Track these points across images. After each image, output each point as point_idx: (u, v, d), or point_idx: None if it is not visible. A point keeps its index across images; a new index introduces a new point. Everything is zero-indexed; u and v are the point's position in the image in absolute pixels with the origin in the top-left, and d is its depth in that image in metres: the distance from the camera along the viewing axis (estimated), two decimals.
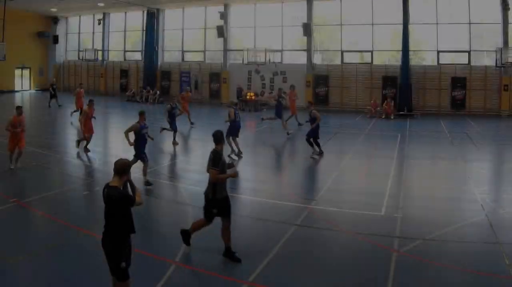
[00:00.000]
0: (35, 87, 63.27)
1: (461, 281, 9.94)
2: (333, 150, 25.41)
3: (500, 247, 11.35)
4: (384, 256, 10.97)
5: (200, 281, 9.94)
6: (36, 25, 62.15)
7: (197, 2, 51.91)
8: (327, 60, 49.72)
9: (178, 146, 25.40)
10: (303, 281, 9.86)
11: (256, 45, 49.75)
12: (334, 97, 46.97)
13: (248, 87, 49.72)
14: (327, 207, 14.69)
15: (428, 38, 45.26)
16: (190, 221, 12.13)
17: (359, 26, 47.05)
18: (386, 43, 47.95)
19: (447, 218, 13.82)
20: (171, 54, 57.80)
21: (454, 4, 44.55)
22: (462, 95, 42.25)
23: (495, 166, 22.40)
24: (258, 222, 13.79)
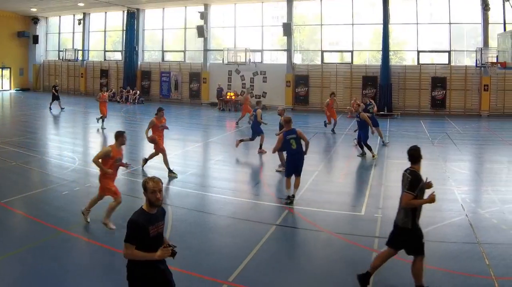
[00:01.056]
0: (15, 87, 61.66)
1: (441, 281, 9.70)
2: (313, 150, 22.73)
3: (480, 247, 11.18)
4: (364, 256, 10.69)
5: (179, 281, 8.94)
6: (16, 25, 60.63)
7: (177, 2, 50.74)
8: (307, 60, 48.83)
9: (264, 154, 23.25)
10: (283, 281, 9.77)
11: (236, 45, 49.09)
12: (314, 97, 45.81)
13: (229, 87, 48.72)
14: (307, 207, 14.38)
15: (408, 38, 44.50)
16: (170, 220, 12.44)
17: (339, 26, 46.17)
18: (366, 43, 47.02)
19: (427, 218, 12.55)
20: (151, 54, 56.63)
21: (434, 4, 43.76)
22: (442, 95, 41.39)
23: (475, 166, 21.83)
24: (238, 222, 13.48)
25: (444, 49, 42.72)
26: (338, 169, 21.45)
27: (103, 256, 10.89)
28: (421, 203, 9.42)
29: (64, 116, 39.26)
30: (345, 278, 9.81)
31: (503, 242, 11.61)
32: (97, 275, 9.87)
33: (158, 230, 6.87)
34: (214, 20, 50.80)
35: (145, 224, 6.65)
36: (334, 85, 45.04)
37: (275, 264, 10.52)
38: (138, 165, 19.83)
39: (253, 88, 48.00)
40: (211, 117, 40.28)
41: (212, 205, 14.92)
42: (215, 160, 22.49)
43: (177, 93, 52.03)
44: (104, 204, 12.63)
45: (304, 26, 49.57)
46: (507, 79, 39.93)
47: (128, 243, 6.68)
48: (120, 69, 55.67)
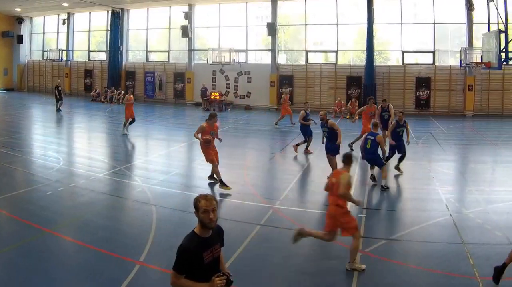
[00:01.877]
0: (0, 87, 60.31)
1: (425, 281, 9.70)
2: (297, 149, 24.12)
3: (465, 247, 11.11)
4: (348, 255, 10.21)
5: (164, 281, 8.73)
6: (0, 25, 59.07)
7: (161, 2, 49.57)
8: (292, 60, 47.93)
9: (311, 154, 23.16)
10: (267, 281, 9.72)
11: (221, 45, 47.98)
12: (299, 97, 44.37)
13: (213, 87, 47.71)
14: (291, 207, 14.27)
15: (392, 38, 43.62)
16: (154, 221, 12.55)
17: (324, 26, 45.24)
18: (351, 43, 46.10)
19: (412, 218, 13.63)
20: (135, 54, 55.49)
21: (418, 4, 42.88)
22: (427, 95, 40.56)
23: (459, 166, 21.54)
24: (223, 222, 12.12)
25: (429, 49, 41.89)
26: (322, 168, 20.08)
27: (87, 256, 10.63)
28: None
29: (48, 116, 38.53)
30: (330, 277, 9.78)
31: (488, 242, 11.52)
32: (81, 275, 9.69)
33: (214, 254, 5.89)
34: (198, 20, 49.73)
35: (198, 250, 5.70)
36: (318, 85, 44.22)
37: (259, 264, 10.42)
38: (121, 165, 19.71)
39: (237, 88, 47.31)
40: (196, 118, 39.37)
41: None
42: (199, 160, 20.85)
43: (161, 93, 50.90)
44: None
45: (289, 26, 48.64)
46: (491, 79, 39.29)
47: (176, 271, 5.68)
48: (104, 69, 54.40)
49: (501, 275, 8.92)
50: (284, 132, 30.81)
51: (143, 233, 11.59)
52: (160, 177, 17.91)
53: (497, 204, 14.79)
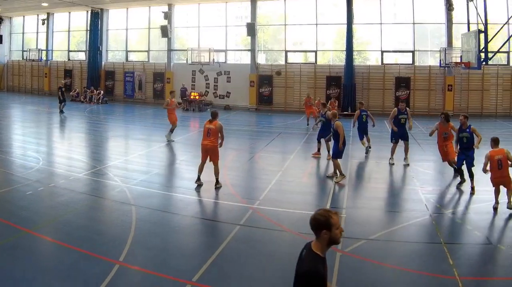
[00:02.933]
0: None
1: (405, 281, 9.45)
2: (276, 150, 24.39)
3: (444, 247, 10.83)
4: (328, 256, 8.38)
5: (144, 281, 9.32)
6: None
7: (141, 2, 48.14)
8: (271, 60, 46.70)
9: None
10: (247, 281, 9.44)
11: (200, 45, 46.69)
12: (278, 97, 43.77)
13: (192, 87, 46.49)
14: (271, 207, 13.88)
15: (372, 38, 42.64)
16: (134, 221, 12.29)
17: (303, 26, 44.10)
18: (330, 43, 45.05)
19: (391, 218, 13.50)
20: (115, 54, 53.90)
21: (398, 4, 42.00)
22: (406, 95, 39.51)
23: (439, 166, 20.47)
24: (202, 222, 13.15)
25: (408, 49, 41.18)
26: (301, 169, 20.30)
27: (67, 256, 10.23)
28: None
29: (28, 116, 37.46)
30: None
31: (467, 242, 11.40)
32: (60, 275, 9.33)
33: (326, 274, 5.14)
34: (178, 20, 48.48)
35: (324, 274, 5.07)
36: (298, 85, 43.17)
37: (239, 264, 10.18)
38: (101, 165, 19.41)
39: (216, 88, 46.15)
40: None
41: (176, 205, 14.45)
42: (179, 160, 21.79)
43: (141, 93, 49.54)
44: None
45: (268, 26, 47.48)
46: (471, 79, 38.72)
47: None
48: (84, 69, 52.94)
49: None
50: (263, 133, 30.05)
51: (123, 233, 11.44)
52: (139, 177, 17.45)
53: (477, 204, 14.48)
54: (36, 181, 16.43)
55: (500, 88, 38.58)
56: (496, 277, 9.58)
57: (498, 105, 38.72)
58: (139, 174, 18.13)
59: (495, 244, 11.11)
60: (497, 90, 38.61)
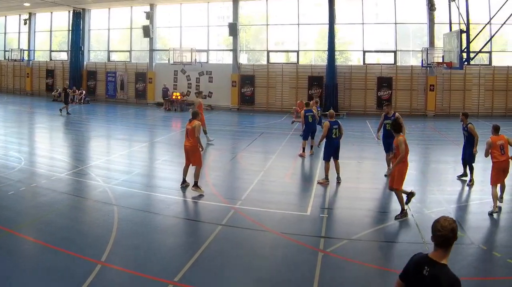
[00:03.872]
0: None
1: (386, 281, 9.13)
2: (258, 150, 24.18)
3: (426, 247, 10.46)
4: (310, 255, 10.31)
5: (125, 281, 9.17)
6: None
7: (123, 2, 46.67)
8: (253, 60, 45.50)
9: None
10: (229, 281, 9.28)
11: (182, 45, 45.34)
12: (260, 98, 42.60)
13: (174, 87, 45.10)
14: (253, 207, 13.63)
15: (354, 38, 41.75)
16: (116, 221, 12.06)
17: (285, 26, 42.99)
18: (312, 43, 44.06)
19: (373, 218, 13.19)
20: (97, 54, 52.23)
21: (380, 4, 41.10)
22: (388, 95, 38.60)
23: (421, 166, 20.09)
24: (184, 222, 12.95)
25: (390, 49, 40.28)
26: (283, 169, 19.75)
27: (49, 256, 10.05)
28: None
29: (9, 116, 36.37)
30: (290, 277, 9.32)
31: None
32: (42, 275, 9.16)
33: None
34: (160, 20, 46.92)
35: None
36: (280, 85, 42.11)
37: (221, 264, 9.97)
38: (83, 165, 19.02)
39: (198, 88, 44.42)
40: (157, 118, 37.89)
41: (157, 205, 14.11)
42: (161, 160, 21.31)
43: (123, 93, 48.00)
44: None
45: (250, 26, 46.20)
46: (452, 79, 37.96)
47: None
48: (66, 69, 50.95)
49: None
50: (245, 133, 29.50)
51: (105, 233, 11.22)
52: (121, 177, 17.13)
53: (459, 204, 14.34)
54: (18, 181, 16.09)
55: (482, 88, 37.87)
56: (478, 277, 9.37)
57: (480, 105, 37.96)
58: (121, 174, 17.79)
59: (477, 245, 10.86)
60: (479, 90, 37.90)
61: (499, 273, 9.59)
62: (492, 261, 10.14)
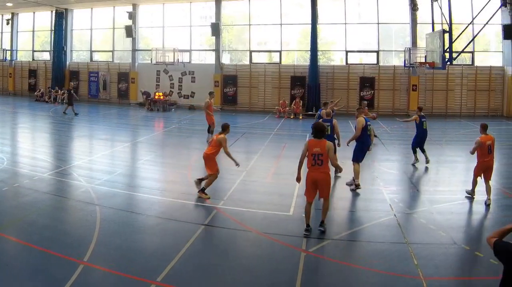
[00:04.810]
0: None
1: (369, 281, 8.99)
2: (241, 150, 23.20)
3: (409, 247, 10.40)
4: (293, 255, 9.99)
5: (108, 281, 8.85)
6: None
7: (105, 2, 45.05)
8: (236, 60, 43.91)
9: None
10: (211, 281, 8.96)
11: (165, 45, 43.92)
12: (243, 97, 41.26)
13: (157, 87, 43.49)
14: (235, 207, 13.30)
15: (336, 38, 40.49)
16: (98, 221, 11.83)
17: (268, 26, 41.67)
18: (295, 43, 42.73)
19: (356, 218, 13.08)
20: (79, 54, 50.35)
21: (362, 4, 39.98)
22: (371, 95, 37.48)
23: (403, 166, 19.75)
24: (167, 222, 12.32)
25: (373, 49, 39.27)
26: (266, 169, 19.19)
27: (31, 256, 9.69)
28: None
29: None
30: (273, 277, 9.06)
31: (432, 242, 10.83)
32: (24, 275, 8.83)
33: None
34: (142, 20, 45.28)
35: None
36: (262, 85, 40.79)
37: (203, 263, 9.62)
38: (65, 165, 18.49)
39: (181, 88, 43.46)
40: (140, 118, 36.66)
41: (140, 205, 13.75)
42: (143, 160, 20.70)
43: (105, 93, 46.36)
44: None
45: (233, 26, 44.69)
46: (435, 79, 37.00)
47: None
48: (48, 69, 49.25)
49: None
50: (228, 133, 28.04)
51: (87, 233, 10.93)
52: (104, 177, 16.65)
53: (441, 204, 13.82)
54: (0, 181, 15.53)
55: (464, 88, 37.00)
56: (461, 277, 9.22)
57: (463, 105, 37.11)
58: (104, 173, 17.28)
59: (460, 244, 10.60)
60: (461, 90, 37.03)
61: (482, 273, 9.29)
62: (475, 261, 9.85)
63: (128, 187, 15.80)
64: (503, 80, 36.53)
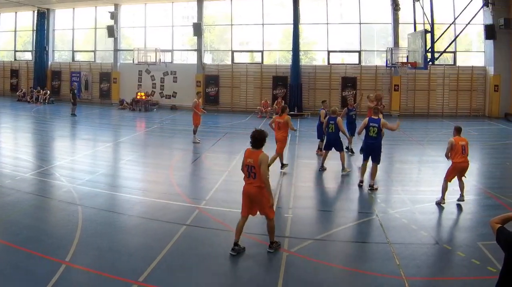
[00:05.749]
0: None
1: (351, 281, 8.85)
2: (222, 150, 23.07)
3: (391, 247, 10.09)
4: (274, 256, 9.64)
5: (90, 281, 8.55)
6: None
7: (87, 2, 43.11)
8: (218, 60, 42.23)
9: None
10: (193, 281, 8.73)
11: (147, 45, 42.05)
12: (225, 98, 39.73)
13: (139, 87, 41.66)
14: (217, 207, 12.94)
15: (318, 38, 39.08)
16: (80, 221, 11.51)
17: (250, 26, 40.17)
18: (277, 43, 41.28)
19: (338, 218, 12.62)
20: (61, 54, 48.34)
21: (344, 4, 38.70)
22: (353, 95, 35.70)
23: (385, 166, 18.72)
24: (148, 222, 11.94)
25: (355, 49, 37.88)
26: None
27: (13, 256, 9.41)
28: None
29: None
30: (254, 277, 8.90)
31: (414, 242, 10.55)
32: (6, 275, 8.54)
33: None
34: (124, 20, 43.41)
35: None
36: (244, 85, 39.34)
37: (185, 264, 9.36)
38: (47, 165, 18.05)
39: (163, 88, 41.89)
40: (122, 118, 35.47)
41: (122, 205, 13.44)
42: (125, 160, 20.11)
43: (87, 93, 44.51)
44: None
45: (214, 26, 43.03)
46: (417, 79, 35.84)
47: None
48: (30, 69, 47.24)
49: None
50: (210, 133, 27.83)
51: (69, 233, 10.65)
52: (86, 177, 16.27)
53: (423, 204, 13.54)
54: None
55: (446, 88, 35.87)
56: (442, 277, 8.90)
57: (445, 105, 35.98)
58: (86, 174, 16.89)
59: (441, 244, 10.36)
60: (443, 90, 35.89)
61: (464, 273, 9.01)
62: (457, 261, 9.57)
63: (110, 187, 15.42)
64: (485, 80, 35.47)
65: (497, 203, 13.48)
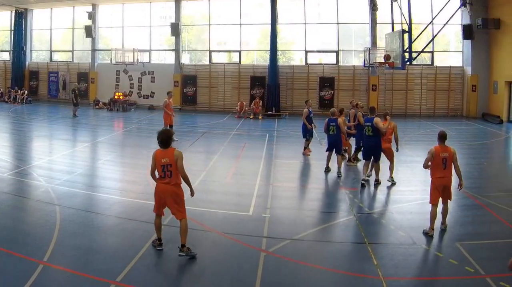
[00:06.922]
0: None
1: (329, 281, 8.58)
2: (200, 150, 22.37)
3: (368, 247, 9.73)
4: (252, 255, 9.40)
5: (67, 281, 8.31)
6: None
7: (65, 2, 40.90)
8: (195, 60, 40.36)
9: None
10: (171, 281, 8.65)
11: (124, 45, 40.11)
12: (202, 97, 37.94)
13: (117, 87, 39.79)
14: (195, 207, 11.91)
15: (296, 38, 37.66)
16: (58, 221, 11.11)
17: (227, 26, 38.35)
18: (254, 43, 39.61)
19: (316, 218, 12.22)
20: (39, 54, 46.02)
21: (322, 4, 37.06)
22: (330, 95, 34.60)
23: (362, 166, 17.35)
24: (126, 222, 11.42)
25: (332, 49, 36.40)
26: (226, 169, 18.28)
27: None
28: None
29: None
30: (233, 277, 8.51)
31: (392, 242, 10.17)
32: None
33: None
34: (102, 20, 41.32)
35: None
36: (222, 85, 37.58)
37: (163, 264, 9.15)
38: (25, 165, 17.44)
39: (140, 88, 39.98)
40: (100, 117, 34.04)
41: (100, 205, 12.90)
42: (103, 160, 19.57)
43: (65, 93, 42.18)
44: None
45: (192, 26, 41.05)
46: (395, 79, 34.42)
47: None
48: (8, 69, 44.88)
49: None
50: (187, 133, 26.97)
51: (47, 233, 10.20)
52: (63, 177, 15.68)
53: (401, 204, 13.17)
54: None
55: (424, 88, 34.46)
56: (420, 277, 8.60)
57: (422, 105, 34.57)
58: (63, 173, 16.29)
59: (419, 244, 9.94)
60: (421, 90, 34.50)
61: (442, 273, 8.74)
62: (435, 261, 9.31)
63: (88, 187, 14.94)
64: (463, 80, 34.08)
65: (475, 203, 12.98)
